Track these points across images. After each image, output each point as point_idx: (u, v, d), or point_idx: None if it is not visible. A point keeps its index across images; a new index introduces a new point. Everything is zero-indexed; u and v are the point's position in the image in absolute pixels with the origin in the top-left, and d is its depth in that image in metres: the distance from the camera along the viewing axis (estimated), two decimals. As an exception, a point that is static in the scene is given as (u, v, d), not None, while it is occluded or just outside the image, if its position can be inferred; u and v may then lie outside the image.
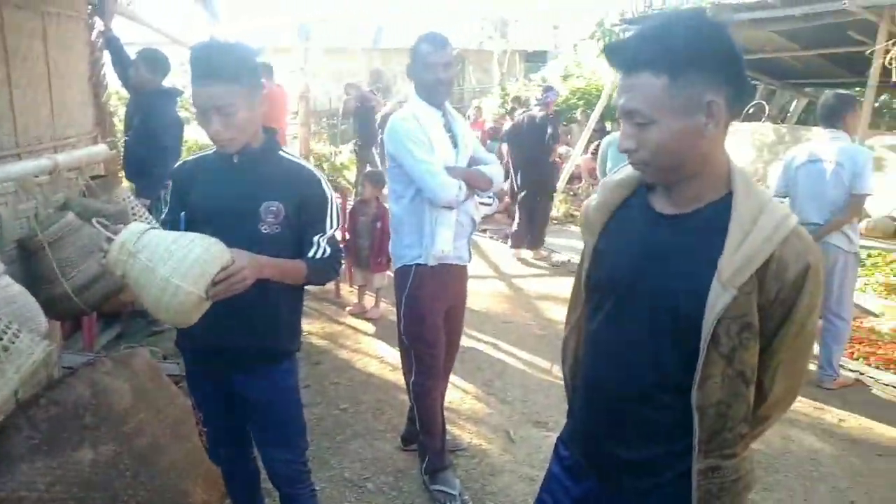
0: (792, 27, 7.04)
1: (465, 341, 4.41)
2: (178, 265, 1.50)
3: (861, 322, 4.85)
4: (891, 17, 5.62)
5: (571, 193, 9.56)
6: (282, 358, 1.94)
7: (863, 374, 4.07)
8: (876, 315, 5.04)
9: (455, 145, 2.61)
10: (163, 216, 1.99)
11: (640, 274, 1.21)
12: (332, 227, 1.90)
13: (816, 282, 1.13)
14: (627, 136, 1.14)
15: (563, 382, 1.52)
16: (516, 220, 6.89)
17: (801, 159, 3.76)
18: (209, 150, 1.93)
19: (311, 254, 1.84)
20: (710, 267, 1.11)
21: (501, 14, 18.90)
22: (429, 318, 2.66)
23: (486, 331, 4.71)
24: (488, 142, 11.37)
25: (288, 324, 1.93)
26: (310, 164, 1.94)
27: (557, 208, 8.54)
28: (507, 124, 8.51)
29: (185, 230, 1.77)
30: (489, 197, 8.04)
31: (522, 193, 6.81)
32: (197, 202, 1.85)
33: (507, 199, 8.72)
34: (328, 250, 1.87)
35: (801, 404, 3.68)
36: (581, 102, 12.42)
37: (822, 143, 3.72)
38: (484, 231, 7.98)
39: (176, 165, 2.00)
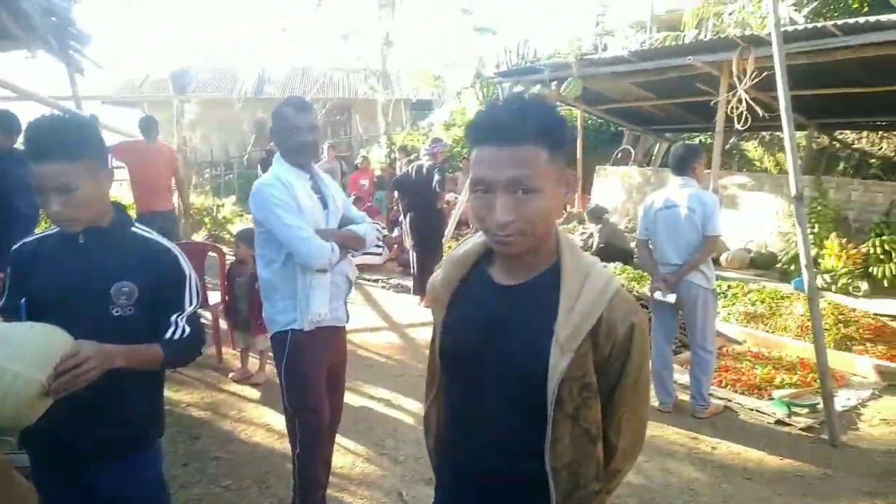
0: (647, 79, 7.69)
1: (357, 400, 4.33)
2: (17, 351, 1.38)
3: (726, 350, 5.25)
4: (729, 70, 6.26)
5: (461, 239, 9.80)
6: (141, 448, 1.80)
7: (730, 400, 4.37)
8: (739, 342, 5.47)
9: (325, 206, 2.60)
10: (1, 302, 1.81)
11: (486, 345, 1.25)
12: (191, 305, 1.82)
13: (643, 338, 1.23)
14: (508, 208, 1.14)
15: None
16: (413, 267, 6.94)
17: (658, 205, 4.06)
18: (52, 229, 1.79)
19: (168, 335, 1.74)
20: (548, 333, 1.18)
21: (385, 66, 19.30)
22: (311, 383, 2.60)
23: (379, 385, 4.63)
24: (375, 191, 11.47)
25: (146, 412, 1.81)
26: (165, 241, 1.84)
27: (447, 254, 8.66)
28: (400, 170, 8.63)
29: (27, 318, 1.64)
30: (377, 246, 8.05)
31: (413, 241, 6.89)
32: (39, 287, 1.71)
33: (395, 247, 8.76)
34: (188, 330, 1.79)
35: (679, 435, 3.89)
36: (465, 150, 12.80)
37: (675, 190, 4.04)
38: (375, 281, 7.95)
39: (14, 247, 1.84)
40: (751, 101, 5.97)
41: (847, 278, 6.57)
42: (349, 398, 3.51)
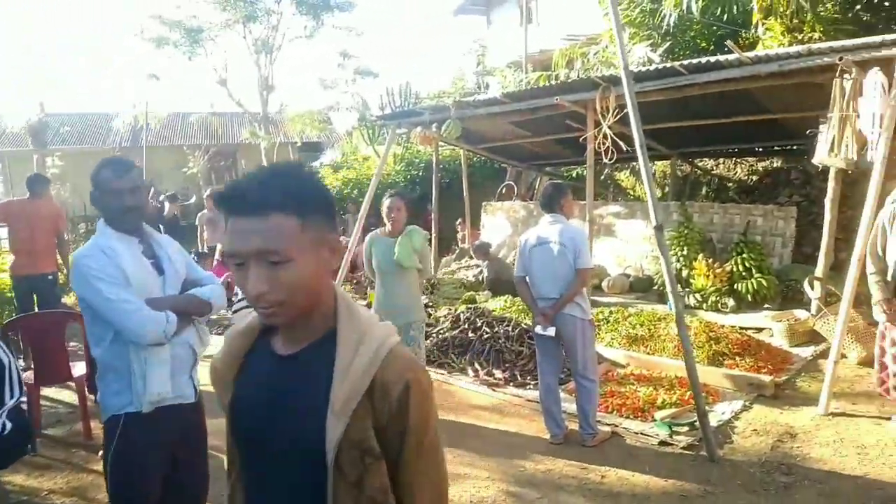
0: (522, 119, 8.01)
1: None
2: None
3: (612, 374, 5.43)
4: (594, 108, 6.63)
5: (354, 281, 9.63)
6: None
7: (617, 425, 4.50)
8: (623, 366, 5.68)
9: (161, 272, 2.39)
10: None
11: (268, 420, 1.21)
12: (11, 398, 1.62)
13: (421, 396, 1.19)
14: (259, 279, 1.11)
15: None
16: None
17: (532, 242, 4.18)
18: None
19: None
20: (325, 401, 1.15)
21: (265, 110, 18.99)
22: (141, 477, 2.29)
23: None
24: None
25: None
26: None
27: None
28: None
29: None
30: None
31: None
32: None
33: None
34: (8, 426, 1.59)
35: (570, 467, 3.94)
36: (354, 192, 12.76)
37: (546, 227, 4.17)
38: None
39: None
40: (615, 137, 6.32)
41: (715, 296, 7.04)
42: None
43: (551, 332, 4.09)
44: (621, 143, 6.39)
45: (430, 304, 8.06)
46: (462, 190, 10.96)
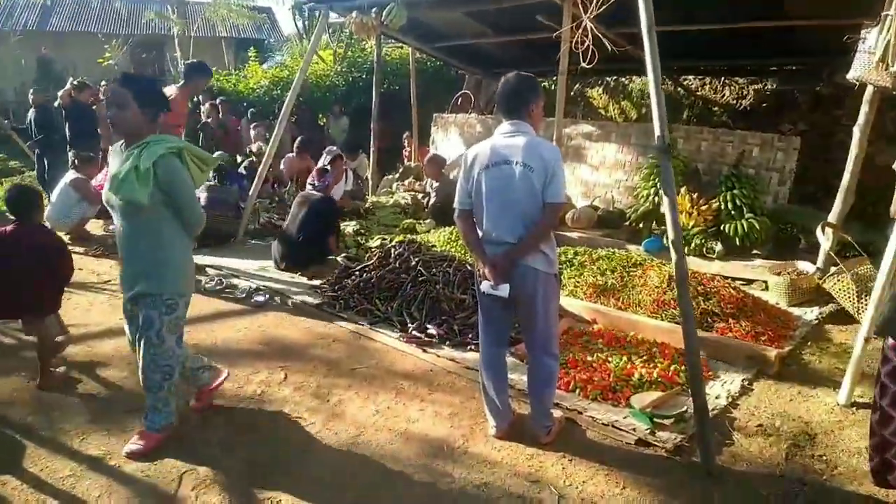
0: (481, 9, 6.49)
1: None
2: None
3: (574, 332, 4.29)
4: (573, -1, 5.21)
5: (276, 199, 8.17)
6: None
7: (581, 411, 3.36)
8: (588, 322, 4.54)
9: None
10: None
11: None
12: None
13: None
14: None
15: None
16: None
17: (483, 160, 2.83)
18: None
19: None
20: None
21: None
22: None
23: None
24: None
25: None
26: None
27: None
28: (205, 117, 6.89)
29: None
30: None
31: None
32: None
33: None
34: None
35: (515, 480, 2.80)
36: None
37: (504, 139, 2.84)
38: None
39: None
40: (599, 32, 4.93)
41: (700, 238, 5.91)
42: None
43: (504, 290, 2.83)
44: (606, 41, 5.01)
45: (362, 230, 6.73)
46: (410, 99, 9.40)
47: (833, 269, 4.67)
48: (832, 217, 4.87)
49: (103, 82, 9.17)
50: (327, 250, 5.87)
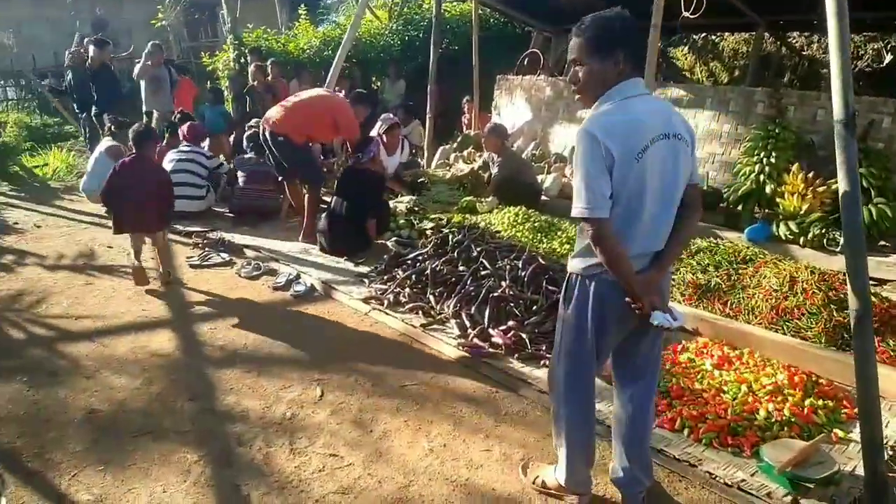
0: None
1: None
2: None
3: (673, 350, 3.48)
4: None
5: (325, 170, 7.52)
6: None
7: (693, 464, 2.59)
8: (690, 332, 3.73)
9: None
10: None
11: None
12: None
13: None
14: None
15: None
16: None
17: (648, 133, 1.91)
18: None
19: None
20: None
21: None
22: None
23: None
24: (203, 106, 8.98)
25: None
26: None
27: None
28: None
29: None
30: (198, 184, 5.72)
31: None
32: None
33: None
34: None
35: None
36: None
37: (648, 102, 1.99)
38: (190, 236, 5.66)
39: None
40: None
41: (819, 226, 4.92)
42: None
43: (680, 322, 2.03)
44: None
45: (416, 208, 6.01)
46: (471, 60, 8.50)
47: None
48: None
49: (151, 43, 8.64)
50: (368, 235, 5.17)
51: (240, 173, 6.22)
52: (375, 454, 2.69)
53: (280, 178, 5.80)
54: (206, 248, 5.30)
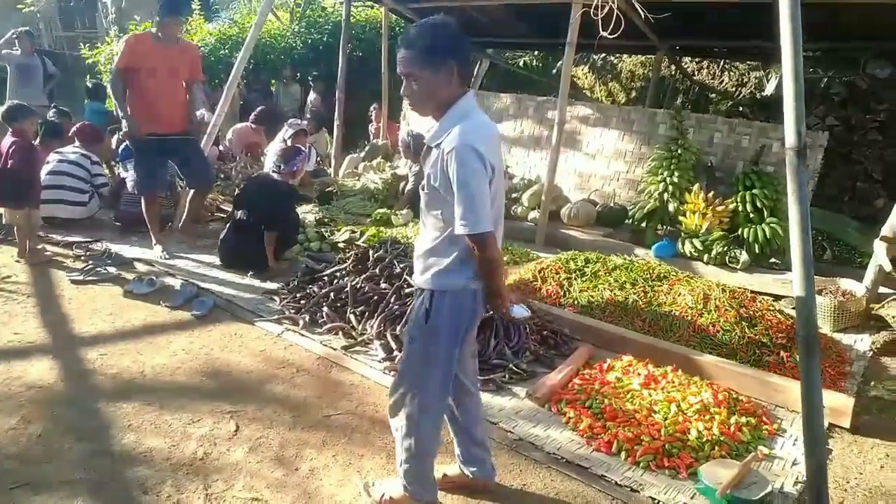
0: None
1: None
2: None
3: (599, 369, 3.47)
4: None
5: (222, 176, 7.02)
6: None
7: (636, 489, 2.55)
8: (613, 353, 3.74)
9: None
10: None
11: None
12: None
13: None
14: None
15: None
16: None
17: (497, 153, 2.03)
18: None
19: None
20: None
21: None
22: None
23: None
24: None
25: None
26: None
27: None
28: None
29: None
30: (80, 189, 5.12)
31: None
32: None
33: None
34: None
35: None
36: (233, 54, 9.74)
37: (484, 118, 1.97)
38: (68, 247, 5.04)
39: None
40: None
41: (722, 244, 5.18)
42: None
43: (528, 313, 2.30)
44: (639, 6, 4.15)
45: (326, 220, 5.73)
46: (378, 67, 8.31)
47: (892, 293, 4.01)
48: (887, 230, 4.20)
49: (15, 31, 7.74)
50: (265, 254, 4.70)
51: (128, 177, 5.64)
52: (304, 495, 2.44)
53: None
54: (90, 261, 4.73)
